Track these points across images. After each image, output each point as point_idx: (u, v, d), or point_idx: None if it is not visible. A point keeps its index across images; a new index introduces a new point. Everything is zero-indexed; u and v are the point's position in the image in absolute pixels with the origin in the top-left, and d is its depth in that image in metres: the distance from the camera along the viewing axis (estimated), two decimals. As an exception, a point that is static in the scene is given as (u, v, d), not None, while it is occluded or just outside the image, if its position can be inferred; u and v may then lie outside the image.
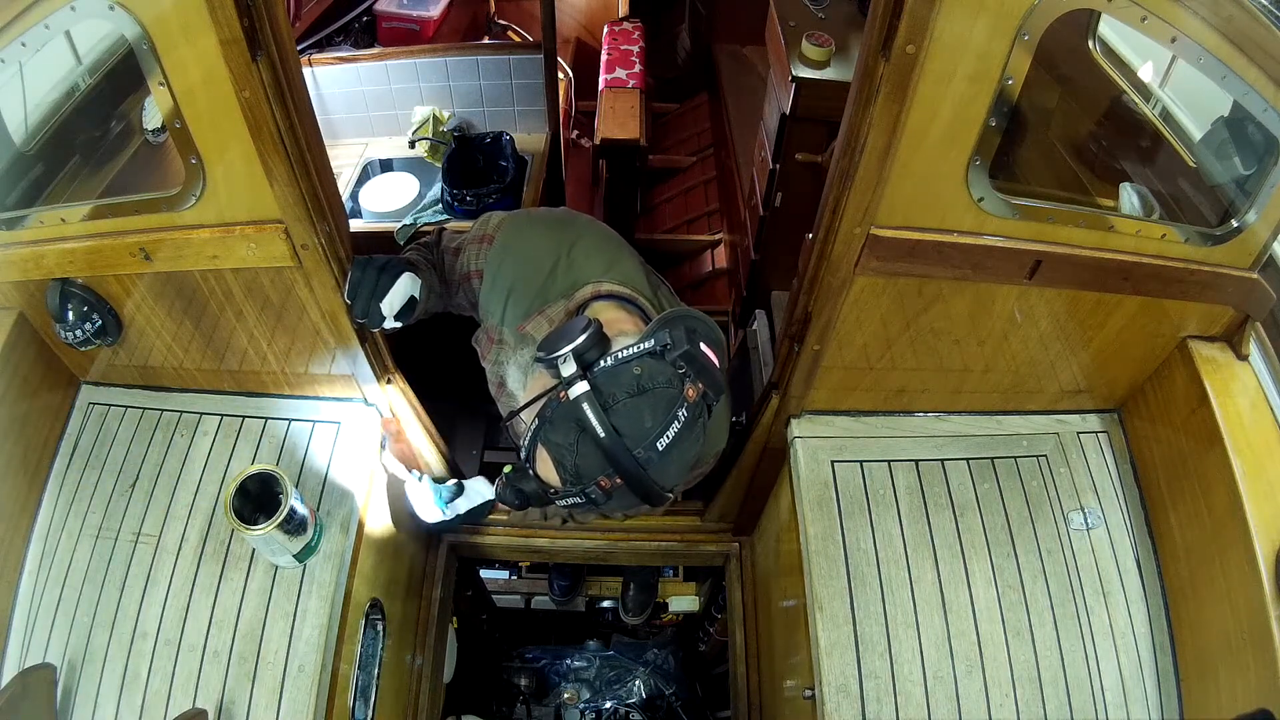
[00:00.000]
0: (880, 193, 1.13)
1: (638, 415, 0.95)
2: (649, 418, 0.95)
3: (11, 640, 1.37)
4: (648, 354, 0.99)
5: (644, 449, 0.94)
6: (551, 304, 1.27)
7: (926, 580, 1.42)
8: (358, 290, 1.25)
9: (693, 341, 0.98)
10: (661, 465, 0.96)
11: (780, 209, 2.40)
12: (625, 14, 3.53)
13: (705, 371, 0.98)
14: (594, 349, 1.00)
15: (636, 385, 0.96)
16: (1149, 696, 1.33)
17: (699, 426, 0.99)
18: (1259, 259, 1.29)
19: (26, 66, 1.13)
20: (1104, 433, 1.59)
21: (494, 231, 1.35)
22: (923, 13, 0.94)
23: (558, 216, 1.42)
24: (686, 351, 0.97)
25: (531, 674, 2.91)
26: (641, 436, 0.94)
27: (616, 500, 0.98)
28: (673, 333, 0.99)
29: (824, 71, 2.10)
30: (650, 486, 0.97)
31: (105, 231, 1.26)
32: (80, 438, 1.56)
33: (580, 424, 0.95)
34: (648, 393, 0.96)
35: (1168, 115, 1.58)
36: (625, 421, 0.95)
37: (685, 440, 0.97)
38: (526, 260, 1.31)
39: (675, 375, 0.97)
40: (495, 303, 1.34)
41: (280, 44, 1.02)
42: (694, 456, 1.02)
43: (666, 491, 1.00)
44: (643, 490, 0.97)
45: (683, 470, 1.01)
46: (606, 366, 0.98)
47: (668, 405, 0.95)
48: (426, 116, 2.53)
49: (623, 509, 1.03)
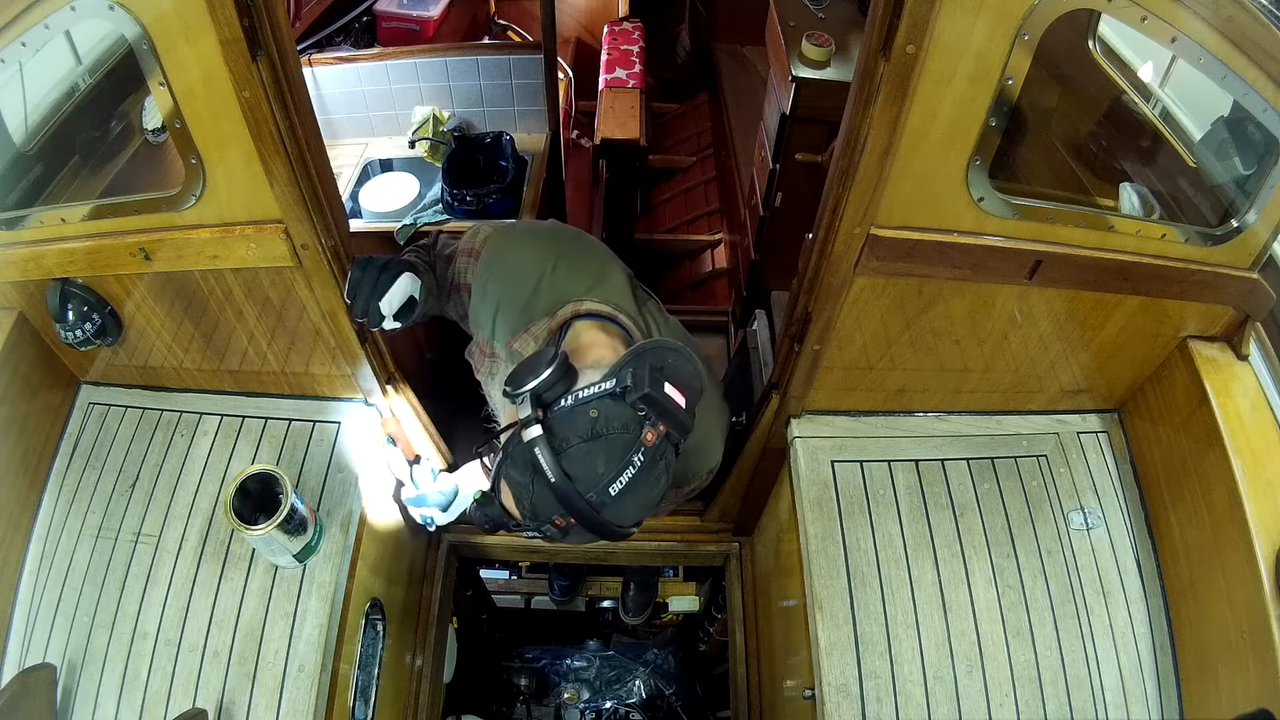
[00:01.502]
0: (880, 193, 1.13)
1: (590, 461, 0.95)
2: (601, 463, 0.95)
3: (11, 640, 1.37)
4: (607, 395, 0.98)
5: (596, 493, 0.94)
6: (536, 321, 1.27)
7: (926, 580, 1.42)
8: (357, 289, 1.25)
9: (655, 382, 0.97)
10: (616, 508, 0.96)
11: (780, 209, 2.40)
12: (625, 14, 3.53)
13: (667, 413, 0.97)
14: (556, 386, 1.00)
15: (590, 430, 0.95)
16: (1149, 696, 1.33)
17: (660, 468, 0.98)
18: (1259, 259, 1.29)
19: (26, 66, 1.13)
20: (1104, 433, 1.59)
21: (480, 246, 1.34)
22: (923, 13, 0.94)
23: (544, 230, 1.41)
24: (647, 394, 0.95)
25: (531, 674, 2.91)
26: (593, 482, 0.94)
27: (574, 536, 0.99)
28: (635, 372, 0.98)
29: (824, 71, 2.10)
30: (606, 527, 0.97)
31: (105, 231, 1.26)
32: (80, 438, 1.56)
33: (534, 466, 0.95)
34: (601, 438, 0.95)
35: (1168, 115, 1.58)
36: (577, 466, 0.95)
37: (642, 484, 0.96)
38: (512, 276, 1.30)
39: (634, 419, 0.96)
40: (484, 317, 1.33)
41: (280, 44, 1.02)
42: (659, 494, 1.01)
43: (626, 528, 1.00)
44: (598, 530, 0.97)
45: (644, 508, 1.00)
46: (564, 408, 0.98)
47: (622, 451, 0.95)
48: (426, 116, 2.53)
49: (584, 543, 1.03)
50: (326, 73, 2.54)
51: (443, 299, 1.41)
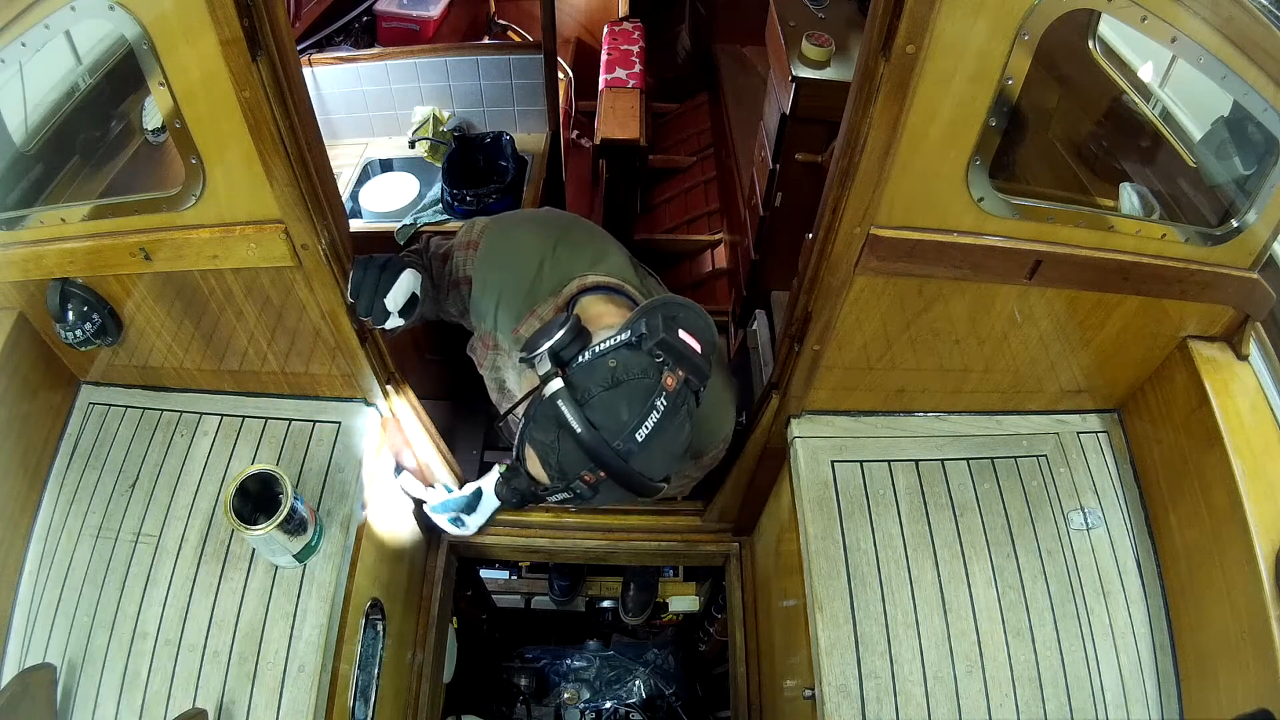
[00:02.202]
0: (880, 193, 1.13)
1: (614, 408, 0.95)
2: (625, 410, 0.95)
3: (11, 640, 1.37)
4: (623, 345, 0.98)
5: (623, 441, 0.94)
6: (541, 303, 1.27)
7: (926, 580, 1.42)
8: (360, 289, 1.25)
9: (670, 329, 0.98)
10: (644, 456, 0.96)
11: (780, 209, 2.40)
12: (625, 14, 3.53)
13: (684, 359, 0.97)
14: (571, 345, 1.00)
15: (611, 378, 0.96)
16: (1149, 696, 1.33)
17: (683, 414, 0.98)
18: (1259, 259, 1.29)
19: (26, 66, 1.13)
20: (1104, 433, 1.59)
21: (479, 237, 1.35)
22: (923, 13, 0.94)
23: (541, 216, 1.42)
24: (663, 339, 0.96)
25: (531, 674, 2.91)
26: (619, 429, 0.94)
27: (604, 494, 0.98)
28: (649, 321, 0.98)
29: (824, 71, 2.10)
30: (635, 478, 0.97)
31: (105, 231, 1.26)
32: (80, 438, 1.56)
33: (558, 421, 0.95)
34: (623, 384, 0.95)
35: (1168, 115, 1.58)
36: (601, 415, 0.95)
37: (667, 429, 0.96)
38: (513, 263, 1.31)
39: (652, 365, 0.96)
40: (487, 308, 1.34)
41: (280, 44, 1.02)
42: (682, 444, 1.01)
43: (656, 482, 1.00)
44: (628, 482, 0.97)
45: (670, 458, 1.00)
46: (582, 362, 0.98)
47: (644, 395, 0.95)
48: (426, 116, 2.53)
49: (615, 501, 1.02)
50: (326, 73, 2.54)
51: (440, 299, 1.41)
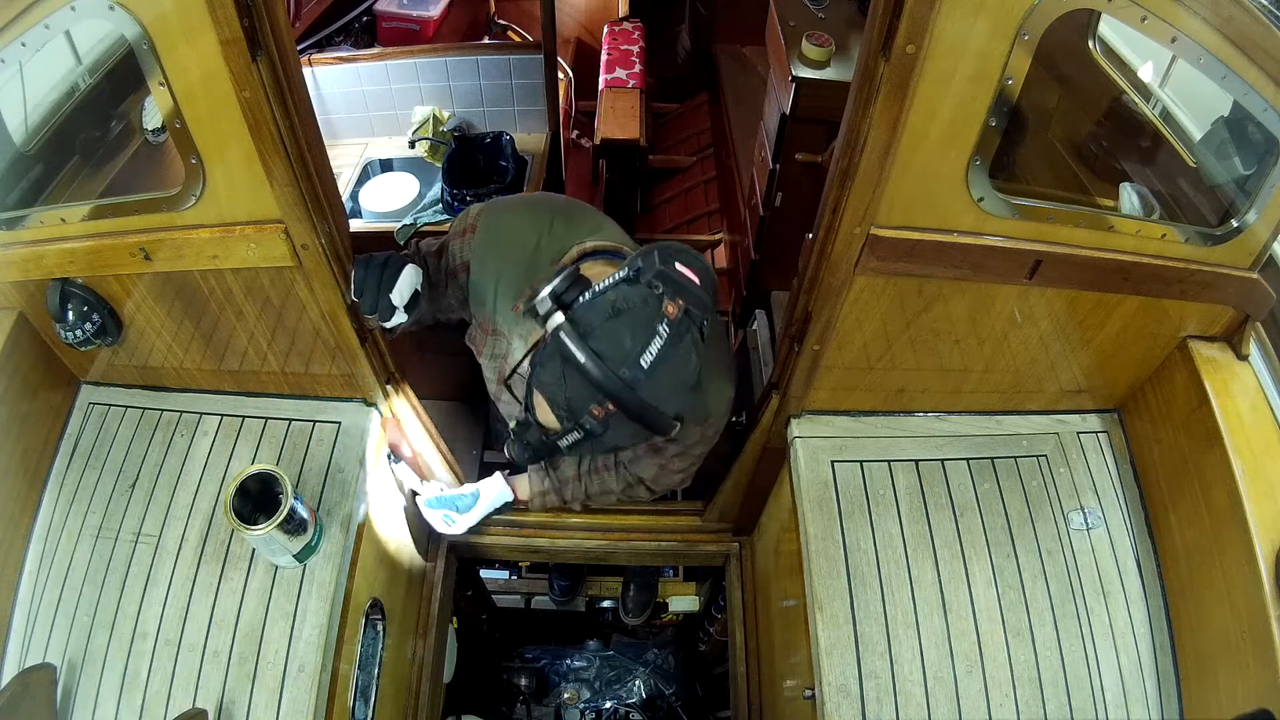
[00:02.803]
0: (880, 193, 1.13)
1: (616, 336, 0.96)
2: (628, 337, 0.96)
3: (11, 640, 1.37)
4: (622, 281, 1.00)
5: (629, 368, 0.95)
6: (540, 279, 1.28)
7: (926, 580, 1.42)
8: (364, 287, 1.26)
9: (667, 263, 0.99)
10: (651, 384, 0.96)
11: (780, 209, 2.40)
12: (625, 14, 3.53)
13: (683, 289, 0.98)
14: (572, 289, 1.02)
15: (612, 309, 0.97)
16: (1149, 696, 1.33)
17: (687, 342, 0.99)
18: (1259, 259, 1.29)
19: (26, 66, 1.13)
20: (1104, 433, 1.59)
21: (475, 220, 1.37)
22: (923, 13, 0.94)
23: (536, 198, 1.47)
24: (660, 271, 0.98)
25: (531, 674, 2.91)
26: (623, 356, 0.95)
27: (615, 430, 0.99)
28: (645, 259, 1.00)
29: (824, 71, 2.10)
30: (646, 409, 0.97)
31: (105, 231, 1.26)
32: (80, 438, 1.56)
33: (563, 355, 0.97)
34: (624, 314, 0.97)
35: (1168, 115, 1.58)
36: (604, 344, 0.96)
37: (672, 357, 0.97)
38: (511, 241, 1.33)
39: (651, 295, 0.98)
40: (486, 288, 1.35)
41: (280, 44, 1.02)
42: (690, 374, 1.01)
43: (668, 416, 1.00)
44: (639, 413, 0.97)
45: (678, 389, 1.00)
46: (583, 302, 1.01)
47: (646, 322, 0.96)
48: (426, 116, 2.53)
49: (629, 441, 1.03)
50: (326, 73, 2.54)
51: (438, 297, 1.42)
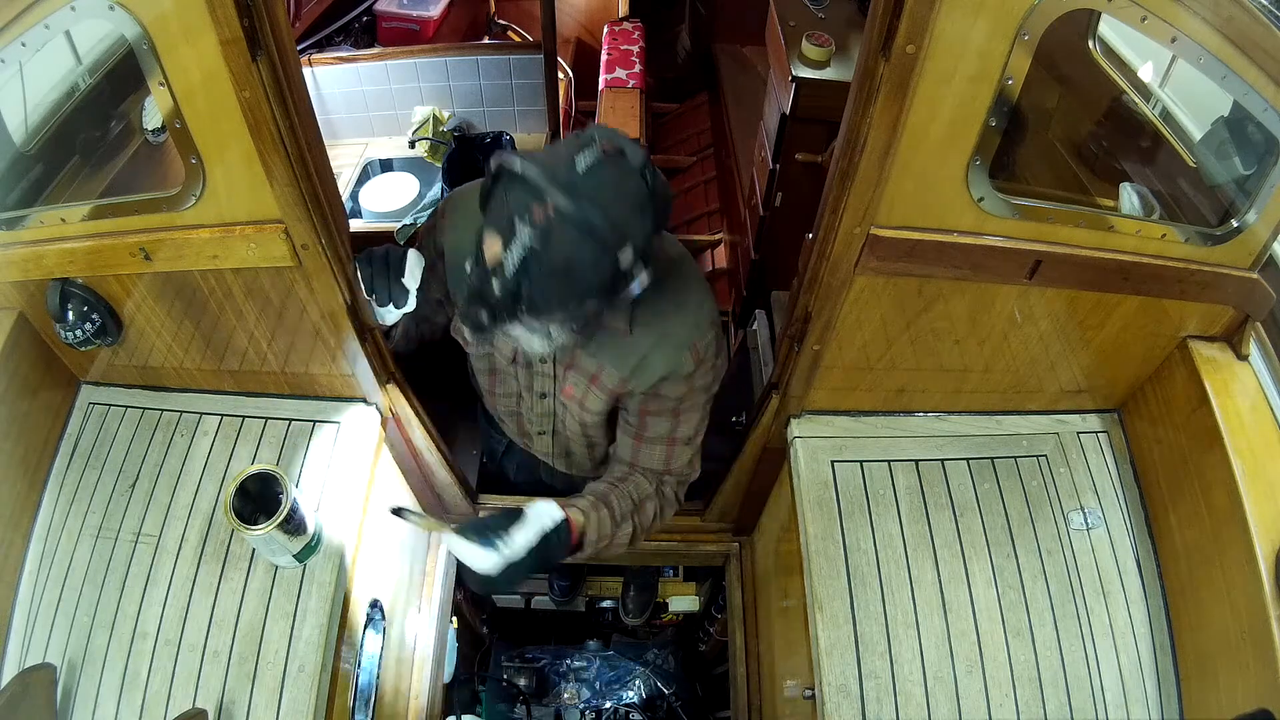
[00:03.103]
0: (880, 193, 1.13)
1: (553, 152, 1.04)
2: (563, 150, 1.03)
3: (11, 640, 1.37)
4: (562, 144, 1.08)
5: (564, 170, 1.00)
6: None
7: (926, 580, 1.42)
8: (374, 279, 1.29)
9: (599, 130, 1.06)
10: (589, 194, 0.99)
11: (780, 209, 2.40)
12: (625, 14, 3.53)
13: (615, 134, 1.05)
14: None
15: (549, 151, 1.07)
16: (1149, 696, 1.33)
17: (625, 168, 1.02)
18: (1259, 259, 1.29)
19: (26, 66, 1.13)
20: (1104, 433, 1.59)
21: (443, 208, 1.43)
22: (923, 13, 0.94)
23: None
24: (598, 126, 1.11)
25: (531, 674, 2.91)
26: (557, 161, 1.01)
27: (557, 240, 0.98)
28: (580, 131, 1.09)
29: (824, 71, 2.10)
30: (585, 220, 0.98)
31: (105, 231, 1.26)
32: (80, 438, 1.56)
33: (503, 168, 1.03)
34: (559, 141, 1.09)
35: (1168, 115, 1.58)
36: (542, 156, 1.04)
37: (606, 172, 1.00)
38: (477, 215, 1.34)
39: (586, 135, 1.05)
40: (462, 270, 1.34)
41: (280, 44, 1.02)
42: (631, 191, 1.03)
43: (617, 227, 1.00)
44: (579, 222, 0.98)
45: (621, 200, 1.01)
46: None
47: (579, 142, 1.03)
48: (426, 116, 2.53)
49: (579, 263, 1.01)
50: (326, 73, 2.55)
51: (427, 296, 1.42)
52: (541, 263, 1.00)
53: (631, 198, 1.03)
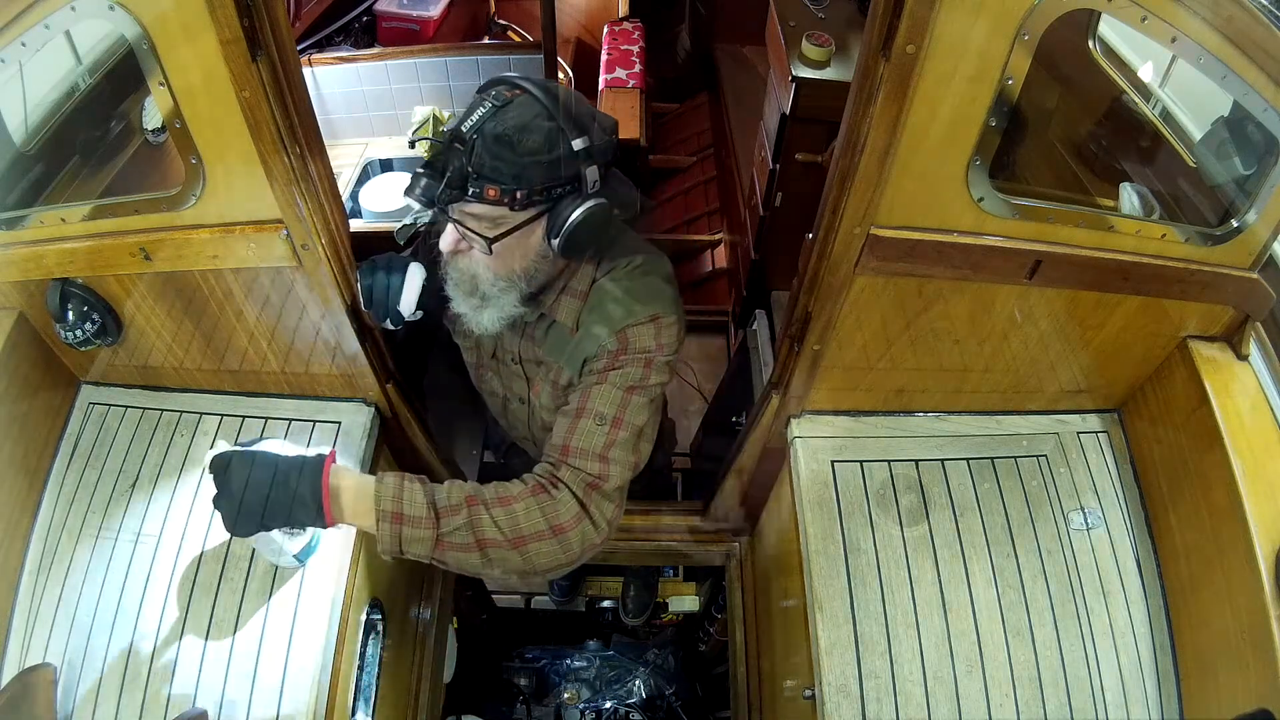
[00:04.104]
0: (880, 193, 1.13)
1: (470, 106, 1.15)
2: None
3: (11, 640, 1.37)
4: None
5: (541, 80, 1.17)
6: None
7: (926, 580, 1.42)
8: (372, 296, 1.31)
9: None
10: (554, 89, 1.16)
11: (780, 209, 2.40)
12: (625, 14, 3.53)
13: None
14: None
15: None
16: (1149, 696, 1.33)
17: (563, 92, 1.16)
18: (1259, 259, 1.29)
19: (26, 66, 1.13)
20: (1104, 433, 1.59)
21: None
22: (923, 13, 0.94)
23: None
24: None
25: (531, 674, 2.92)
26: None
27: (516, 107, 1.12)
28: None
29: (824, 71, 2.10)
30: (549, 91, 1.14)
31: (105, 231, 1.26)
32: (80, 438, 1.56)
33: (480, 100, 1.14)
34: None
35: (1168, 115, 1.58)
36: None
37: (574, 93, 1.19)
38: None
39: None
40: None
41: (280, 44, 1.03)
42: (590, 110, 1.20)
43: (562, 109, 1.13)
44: (541, 94, 1.13)
45: (580, 104, 1.18)
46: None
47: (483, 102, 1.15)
48: (426, 116, 2.53)
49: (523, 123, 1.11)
50: (326, 73, 2.55)
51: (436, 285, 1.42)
52: (498, 121, 1.11)
53: (591, 110, 1.21)
